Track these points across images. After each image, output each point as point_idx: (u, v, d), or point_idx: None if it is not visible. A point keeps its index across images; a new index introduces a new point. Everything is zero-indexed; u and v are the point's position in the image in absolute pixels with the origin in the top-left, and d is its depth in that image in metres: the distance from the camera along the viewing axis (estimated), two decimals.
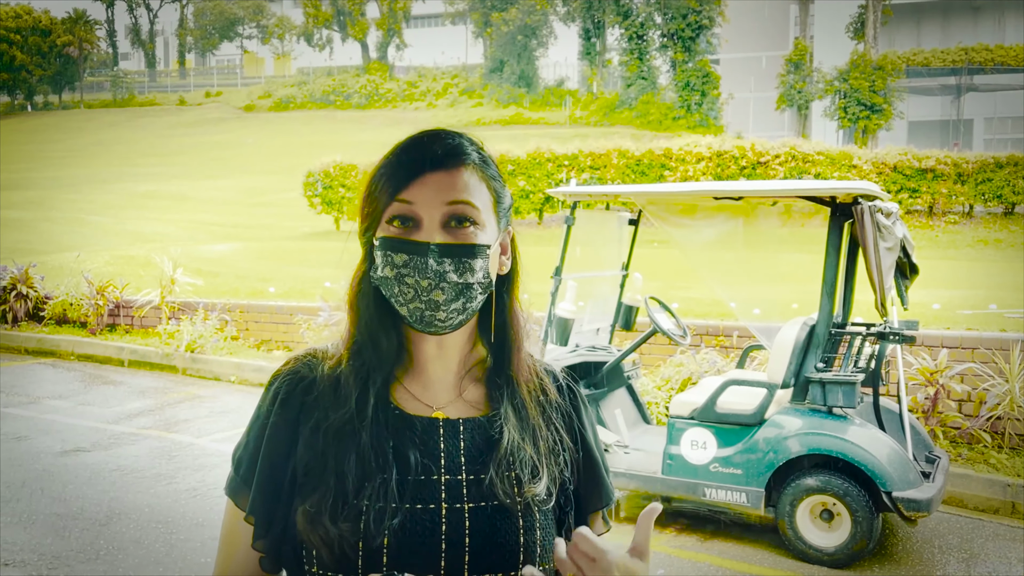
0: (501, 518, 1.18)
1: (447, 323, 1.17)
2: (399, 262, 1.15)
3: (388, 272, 1.16)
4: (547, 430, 1.26)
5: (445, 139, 1.19)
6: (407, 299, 1.16)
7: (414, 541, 1.14)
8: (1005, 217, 17.76)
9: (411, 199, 1.15)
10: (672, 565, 4.91)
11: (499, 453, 1.20)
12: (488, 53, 47.04)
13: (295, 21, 59.95)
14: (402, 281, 1.15)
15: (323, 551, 1.15)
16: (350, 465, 1.15)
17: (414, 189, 1.16)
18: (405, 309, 1.17)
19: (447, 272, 1.14)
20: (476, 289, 1.17)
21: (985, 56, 33.53)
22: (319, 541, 1.14)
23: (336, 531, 1.13)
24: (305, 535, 1.16)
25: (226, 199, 26.94)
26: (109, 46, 63.91)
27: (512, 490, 1.19)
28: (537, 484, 1.20)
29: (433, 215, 1.15)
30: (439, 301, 1.15)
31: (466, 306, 1.17)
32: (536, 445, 1.23)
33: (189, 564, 4.81)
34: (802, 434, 4.89)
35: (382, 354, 1.21)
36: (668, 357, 7.57)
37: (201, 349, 10.06)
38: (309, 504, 1.15)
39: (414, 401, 1.23)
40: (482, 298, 1.19)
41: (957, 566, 4.91)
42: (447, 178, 1.16)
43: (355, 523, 1.13)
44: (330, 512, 1.13)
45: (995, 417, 6.37)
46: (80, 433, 7.45)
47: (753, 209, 6.50)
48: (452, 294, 1.15)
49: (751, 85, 39.28)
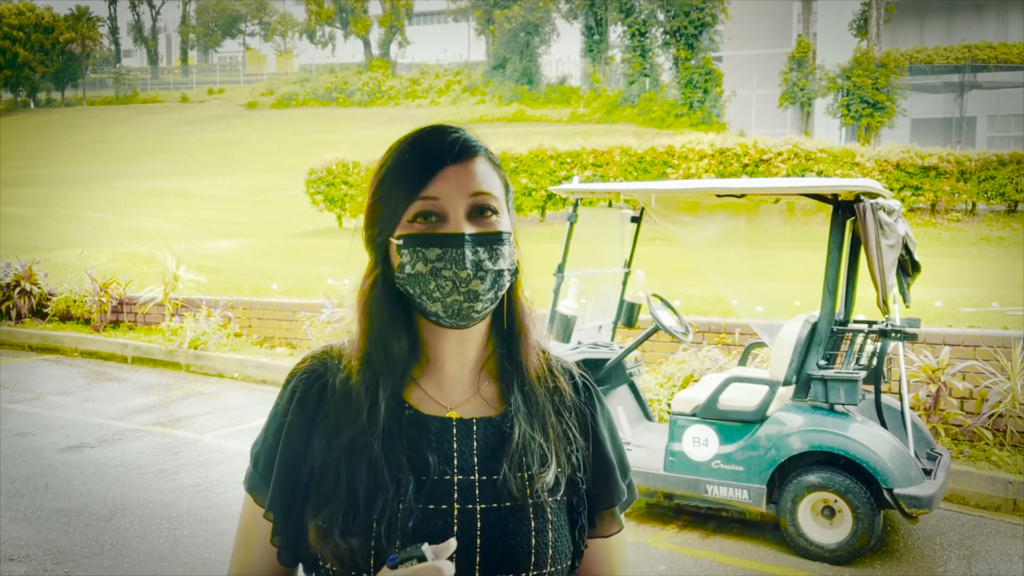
0: (513, 519, 1.18)
1: (482, 313, 1.17)
2: (432, 256, 1.14)
3: (421, 268, 1.15)
4: (556, 419, 1.25)
5: (453, 133, 1.20)
6: (445, 293, 1.15)
7: (426, 541, 1.14)
8: (1007, 215, 17.73)
9: (436, 195, 1.15)
10: (674, 562, 4.92)
11: (511, 448, 1.20)
12: (490, 50, 46.99)
13: (297, 18, 59.96)
14: (439, 275, 1.14)
15: (335, 564, 1.16)
16: (361, 479, 1.15)
17: (437, 185, 1.16)
18: (440, 305, 1.15)
19: (483, 260, 1.15)
20: (506, 276, 1.18)
21: (988, 53, 33.48)
22: (330, 555, 1.15)
23: (346, 546, 1.13)
24: (318, 549, 1.17)
25: (229, 196, 26.98)
26: (112, 43, 63.96)
27: (524, 490, 1.19)
28: (546, 473, 1.20)
29: (458, 208, 1.15)
30: (479, 291, 1.15)
31: (498, 294, 1.18)
32: (545, 432, 1.23)
33: (193, 560, 4.83)
34: (804, 431, 4.90)
35: (394, 360, 1.20)
36: (670, 354, 7.58)
37: (204, 346, 10.09)
38: (321, 519, 1.15)
39: (429, 401, 1.23)
40: (508, 284, 1.20)
41: (958, 563, 4.92)
42: (466, 170, 1.17)
43: (365, 538, 1.13)
44: (341, 527, 1.14)
45: (997, 415, 6.37)
46: (84, 429, 7.47)
47: (755, 207, 6.51)
48: (489, 282, 1.16)
49: (754, 82, 39.22)
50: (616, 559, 1.32)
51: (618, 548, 1.32)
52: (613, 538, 1.31)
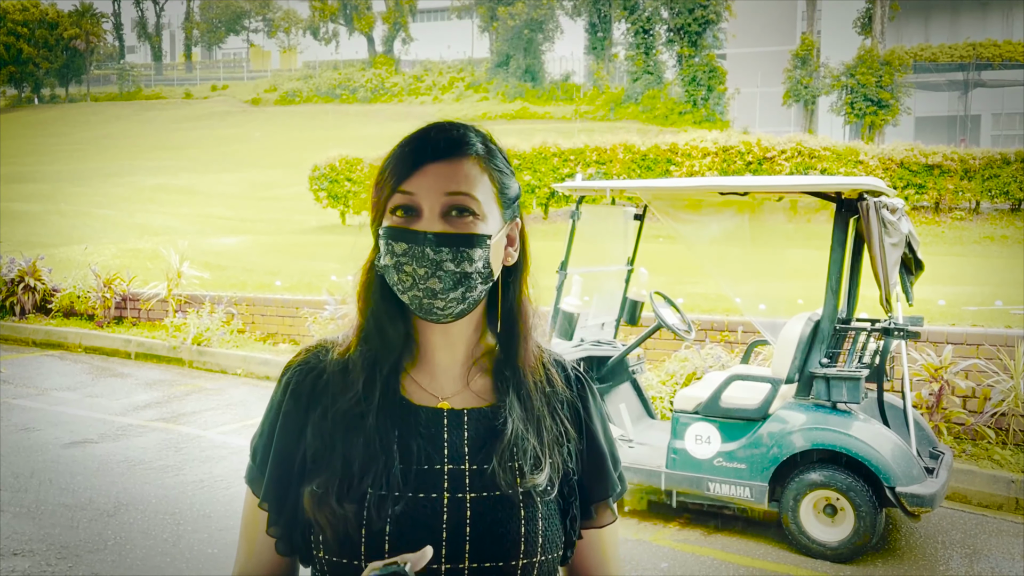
0: (503, 508, 1.20)
1: (446, 311, 1.19)
2: (399, 251, 1.17)
3: (388, 260, 1.18)
4: (552, 420, 1.27)
5: (449, 131, 1.22)
6: (406, 287, 1.18)
7: (415, 529, 1.17)
8: (1012, 213, 17.70)
9: (412, 189, 1.18)
10: (675, 559, 4.93)
11: (502, 444, 1.21)
12: (494, 47, 46.94)
13: (301, 15, 59.86)
14: (401, 269, 1.17)
15: (328, 532, 1.18)
16: (357, 449, 1.19)
17: (415, 180, 1.18)
18: (406, 297, 1.19)
19: (444, 261, 1.16)
20: (475, 279, 1.19)
21: (993, 52, 33.41)
22: (325, 522, 1.18)
23: (341, 512, 1.16)
24: (312, 515, 1.19)
25: (233, 193, 26.99)
26: (115, 39, 63.92)
27: (514, 481, 1.20)
28: (539, 475, 1.22)
29: (433, 205, 1.17)
30: (436, 289, 1.17)
31: (465, 296, 1.19)
32: (540, 436, 1.24)
33: (196, 555, 4.84)
34: (806, 429, 4.90)
35: (389, 342, 1.24)
36: (673, 352, 7.59)
37: (208, 342, 10.10)
38: (316, 485, 1.19)
39: (421, 391, 1.25)
40: (483, 288, 1.21)
41: (960, 562, 4.93)
42: (447, 169, 1.18)
43: (359, 505, 1.16)
44: (336, 493, 1.17)
45: (999, 413, 6.37)
46: (88, 425, 7.49)
47: (759, 204, 6.49)
48: (450, 283, 1.17)
49: (757, 80, 39.15)
50: (609, 549, 1.35)
51: (611, 538, 1.35)
52: (606, 528, 1.33)
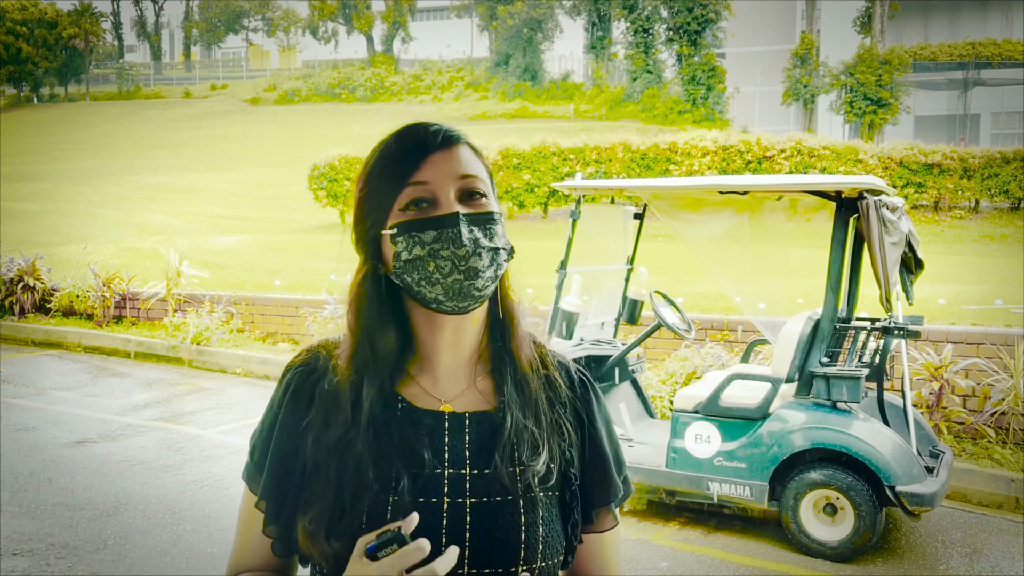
0: (503, 513, 1.18)
1: (483, 292, 1.18)
2: (429, 239, 1.15)
3: (419, 252, 1.15)
4: (549, 409, 1.26)
5: (433, 125, 1.22)
6: (445, 273, 1.15)
7: (415, 535, 1.15)
8: (1011, 212, 17.70)
9: (426, 179, 1.17)
10: (676, 559, 4.93)
11: (503, 440, 1.20)
12: (493, 46, 46.94)
13: (300, 14, 59.85)
14: (437, 256, 1.14)
15: (324, 565, 1.17)
16: (347, 479, 1.16)
17: (426, 170, 1.18)
18: (440, 287, 1.15)
19: (479, 239, 1.16)
20: (502, 255, 1.19)
21: (992, 50, 33.43)
22: (319, 556, 1.17)
23: (331, 550, 1.15)
24: (306, 550, 1.19)
25: (232, 192, 26.98)
26: (115, 39, 63.83)
27: (515, 482, 1.19)
28: (537, 460, 1.20)
29: (448, 191, 1.17)
30: (479, 268, 1.15)
31: (497, 273, 1.18)
32: (538, 420, 1.23)
33: (195, 554, 4.84)
34: (806, 428, 4.90)
35: (380, 357, 1.21)
36: (673, 351, 7.58)
37: (207, 341, 10.10)
38: (308, 521, 1.17)
39: (423, 395, 1.24)
40: (505, 265, 1.21)
41: (960, 561, 4.93)
42: (452, 156, 1.19)
43: (350, 541, 1.13)
44: (326, 528, 1.15)
45: (999, 412, 6.37)
46: (87, 424, 7.49)
47: (758, 203, 6.48)
48: (488, 259, 1.16)
49: (757, 79, 39.16)
50: (611, 554, 1.33)
51: (612, 543, 1.33)
52: (608, 533, 1.32)
